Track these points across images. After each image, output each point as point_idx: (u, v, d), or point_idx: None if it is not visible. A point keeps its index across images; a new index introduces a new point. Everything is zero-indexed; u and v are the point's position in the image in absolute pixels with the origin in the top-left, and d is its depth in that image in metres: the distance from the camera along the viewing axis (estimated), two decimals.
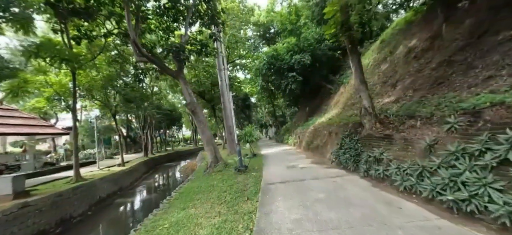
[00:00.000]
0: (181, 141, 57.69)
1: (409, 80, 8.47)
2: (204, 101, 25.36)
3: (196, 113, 9.77)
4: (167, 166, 27.30)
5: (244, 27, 26.91)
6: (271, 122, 51.19)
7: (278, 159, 11.60)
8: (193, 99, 9.97)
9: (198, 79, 23.08)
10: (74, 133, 13.26)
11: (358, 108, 10.99)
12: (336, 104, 15.28)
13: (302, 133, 16.46)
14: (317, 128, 13.05)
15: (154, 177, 21.08)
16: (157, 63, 10.00)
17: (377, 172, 5.44)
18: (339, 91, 16.93)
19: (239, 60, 30.68)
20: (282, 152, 15.01)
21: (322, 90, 21.51)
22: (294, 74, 17.46)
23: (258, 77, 20.40)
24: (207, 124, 10.08)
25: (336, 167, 7.82)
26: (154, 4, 12.18)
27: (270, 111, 47.40)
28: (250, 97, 39.66)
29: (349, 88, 14.64)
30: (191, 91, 10.20)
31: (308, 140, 13.45)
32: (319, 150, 11.26)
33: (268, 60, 18.38)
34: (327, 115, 14.51)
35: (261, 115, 56.26)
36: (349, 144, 7.30)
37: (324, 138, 11.04)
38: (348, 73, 17.32)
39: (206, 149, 10.08)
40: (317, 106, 20.66)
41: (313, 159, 10.48)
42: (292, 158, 11.41)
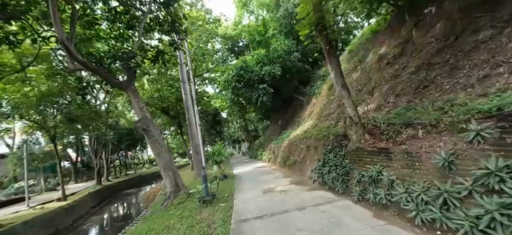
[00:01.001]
0: (146, 163, 52.27)
1: (387, 86, 7.88)
2: (169, 118, 22.83)
3: (149, 132, 7.79)
4: (126, 194, 23.50)
5: (212, 41, 25.58)
6: (243, 137, 49.62)
7: (252, 180, 10.00)
8: (146, 115, 8.00)
9: (161, 94, 20.68)
10: None
11: (334, 119, 10.17)
12: (310, 115, 14.49)
13: (276, 148, 15.22)
14: (292, 142, 11.91)
15: (106, 211, 17.56)
16: (99, 73, 7.90)
17: (377, 196, 4.26)
18: (311, 102, 16.33)
19: (208, 74, 28.99)
20: (256, 171, 13.45)
21: (294, 102, 20.89)
22: (265, 86, 16.44)
23: (228, 90, 18.93)
24: (164, 144, 8.13)
25: (321, 188, 6.56)
26: (103, 8, 10.14)
27: (242, 126, 45.91)
28: (220, 112, 37.83)
29: (322, 99, 14.03)
30: (144, 106, 8.23)
31: (284, 156, 12.19)
32: (297, 166, 10.01)
33: (237, 72, 17.13)
34: (301, 127, 13.54)
35: (233, 130, 54.33)
36: (334, 160, 6.13)
37: (301, 152, 9.87)
38: (318, 84, 16.93)
39: (164, 174, 8.05)
40: (290, 119, 19.86)
41: (291, 178, 9.14)
42: (268, 178, 9.93)
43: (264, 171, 12.84)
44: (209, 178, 12.00)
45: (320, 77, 17.39)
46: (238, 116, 40.90)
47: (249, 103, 18.88)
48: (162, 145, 8.01)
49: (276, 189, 7.45)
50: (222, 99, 38.40)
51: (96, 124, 16.30)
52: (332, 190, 6.00)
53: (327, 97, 12.95)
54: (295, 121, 17.97)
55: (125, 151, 33.83)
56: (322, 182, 6.67)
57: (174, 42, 11.06)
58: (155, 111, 22.28)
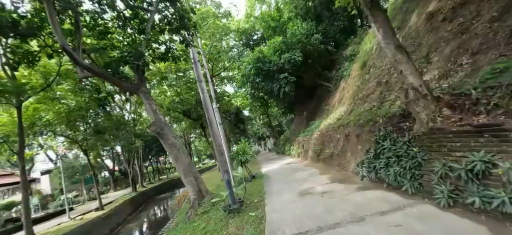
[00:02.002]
0: None
1: (452, 46, 5.94)
2: (191, 121, 22.43)
3: (164, 135, 6.89)
4: (159, 199, 23.79)
5: (226, 38, 24.62)
6: (268, 133, 48.39)
7: (284, 180, 8.65)
8: (159, 117, 7.12)
9: (181, 98, 20.29)
10: (23, 184, 10.08)
11: (376, 99, 8.36)
12: (341, 101, 12.65)
13: (305, 141, 13.66)
14: (324, 132, 10.28)
15: (141, 217, 17.62)
16: (106, 77, 7.19)
17: (492, 201, 2.65)
18: (340, 87, 14.42)
19: (225, 72, 28.17)
20: (286, 168, 12.05)
21: (318, 90, 19.01)
22: (286, 75, 14.90)
23: (246, 85, 17.74)
24: (182, 147, 7.17)
25: (376, 187, 4.99)
26: (112, 16, 9.58)
27: (266, 122, 44.66)
28: (242, 110, 37.02)
29: (353, 80, 12.10)
30: (157, 108, 7.36)
31: (316, 149, 10.63)
32: (334, 160, 8.42)
33: (254, 65, 15.82)
34: (332, 115, 11.81)
35: (257, 127, 53.38)
36: (394, 149, 4.52)
37: (338, 143, 8.25)
38: (346, 66, 14.91)
39: (185, 181, 7.11)
40: (316, 108, 18.06)
41: (330, 174, 7.61)
42: (302, 176, 8.50)
43: (294, 167, 11.41)
44: (236, 179, 10.95)
45: (347, 58, 15.31)
46: (260, 112, 39.73)
47: (271, 96, 17.48)
48: (180, 149, 7.05)
49: (315, 190, 6.03)
50: (242, 97, 37.63)
51: (122, 133, 16.33)
52: (396, 189, 4.41)
53: (361, 78, 11.02)
54: (323, 109, 16.18)
55: (156, 157, 34.70)
56: (376, 178, 5.10)
57: (185, 39, 10.13)
58: (177, 116, 22.03)
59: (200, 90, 13.44)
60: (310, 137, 12.92)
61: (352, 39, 15.93)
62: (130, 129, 17.25)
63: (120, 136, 15.99)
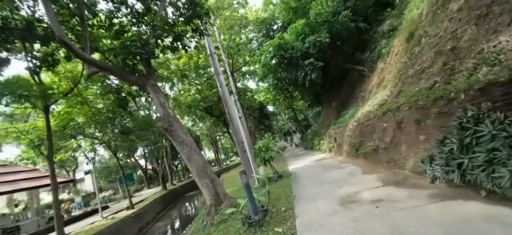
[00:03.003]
0: None
1: None
2: (214, 119, 21.81)
3: (173, 132, 5.90)
4: (188, 197, 23.81)
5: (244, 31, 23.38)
6: (294, 128, 46.38)
7: (316, 180, 7.12)
8: (168, 112, 6.15)
9: (202, 95, 19.74)
10: (53, 184, 10.19)
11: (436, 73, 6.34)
12: (381, 84, 10.54)
13: (338, 133, 11.83)
14: (363, 122, 8.42)
15: (170, 216, 17.49)
16: (111, 70, 6.46)
17: None
18: (377, 68, 12.20)
19: (246, 67, 27.05)
20: (317, 165, 10.41)
21: (349, 75, 16.76)
22: (311, 61, 13.10)
23: (268, 76, 16.32)
24: (194, 146, 6.12)
25: (465, 195, 3.27)
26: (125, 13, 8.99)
27: (291, 116, 42.67)
28: (266, 105, 35.71)
29: (396, 58, 9.91)
30: (166, 102, 6.41)
31: (354, 142, 8.81)
32: (382, 155, 6.61)
33: (275, 53, 14.31)
34: (371, 102, 9.83)
35: (282, 123, 51.61)
36: (504, 135, 2.77)
37: (387, 133, 6.42)
38: (383, 44, 12.60)
39: (199, 183, 6.05)
40: (348, 96, 15.87)
41: (377, 173, 5.87)
42: (339, 176, 6.86)
43: (328, 164, 9.74)
44: (260, 180, 9.69)
45: (384, 34, 12.93)
46: (285, 106, 37.95)
47: (295, 86, 15.81)
48: (192, 147, 6.01)
49: (362, 197, 4.44)
50: (265, 92, 36.25)
51: (146, 133, 16.28)
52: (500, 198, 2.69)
53: (407, 52, 8.83)
54: (357, 96, 14.04)
55: None
56: (462, 182, 3.35)
57: (197, 29, 9.09)
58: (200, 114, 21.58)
59: (218, 84, 12.51)
60: (344, 129, 11.07)
61: (388, 12, 13.47)
62: (155, 129, 17.17)
63: (144, 136, 15.92)
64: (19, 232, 13.22)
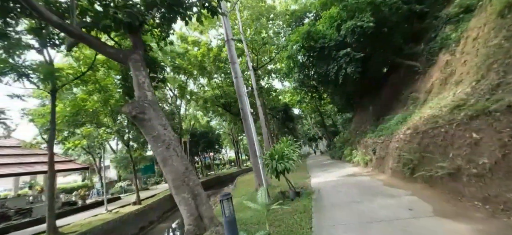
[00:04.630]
0: (226, 164, 54.05)
1: None
2: (232, 116, 20.19)
3: (145, 121, 4.19)
4: None
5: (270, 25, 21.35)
6: (320, 133, 42.82)
7: (353, 213, 4.68)
8: (145, 94, 4.47)
9: (222, 92, 18.26)
10: (51, 172, 9.46)
11: None
12: (448, 81, 7.65)
13: (380, 144, 9.10)
14: (427, 130, 5.75)
15: (177, 217, 16.25)
16: (89, 41, 5.02)
17: None
18: (439, 62, 9.23)
19: (271, 65, 24.99)
20: (351, 183, 7.82)
21: (393, 73, 13.67)
22: (348, 51, 10.54)
23: (293, 70, 14.03)
24: (175, 144, 4.31)
25: None
26: None
27: (318, 121, 39.30)
28: (291, 108, 33.18)
29: (478, 43, 6.98)
30: (147, 82, 4.75)
31: (408, 157, 6.14)
32: (468, 185, 3.98)
33: (303, 43, 12.02)
34: (433, 104, 7.04)
35: (307, 127, 48.25)
36: None
37: (482, 151, 3.82)
38: (447, 31, 9.54)
39: (177, 199, 4.22)
40: (391, 99, 12.81)
41: (468, 221, 3.33)
42: (392, 211, 4.36)
43: (365, 184, 7.15)
44: (273, 192, 7.57)
45: (451, 18, 9.81)
46: (311, 109, 34.92)
47: (325, 83, 13.27)
48: (171, 146, 4.21)
49: None
50: (291, 93, 33.72)
51: None
52: None
53: (502, 31, 5.93)
54: (404, 98, 11.05)
55: (203, 153, 34.58)
56: None
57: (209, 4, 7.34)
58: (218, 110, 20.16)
59: (233, 74, 10.75)
60: (388, 138, 8.34)
61: None
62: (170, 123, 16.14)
63: None
64: (31, 215, 13.08)
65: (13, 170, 12.12)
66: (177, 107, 19.79)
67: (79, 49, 12.23)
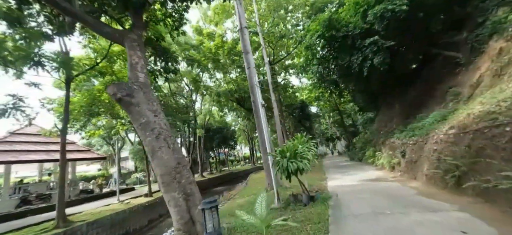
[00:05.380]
0: (241, 160, 53.83)
1: None
2: (245, 111, 19.50)
3: (132, 106, 3.62)
4: (213, 192, 22.34)
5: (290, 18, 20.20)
6: (338, 133, 40.78)
7: (385, 228, 3.72)
8: (137, 76, 3.89)
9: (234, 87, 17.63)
10: (62, 160, 9.49)
11: None
12: (504, 72, 6.24)
13: (411, 146, 7.84)
14: (480, 129, 4.55)
15: None
16: (83, 18, 4.57)
17: None
18: (489, 51, 7.74)
19: (290, 59, 23.85)
20: (375, 189, 6.67)
21: (427, 66, 12.04)
22: (376, 39, 9.26)
23: (313, 62, 12.92)
24: (167, 133, 3.66)
25: None
26: None
27: (336, 120, 37.34)
28: (308, 105, 31.72)
29: None
30: (141, 65, 4.17)
31: (452, 162, 4.95)
32: None
33: (323, 32, 10.89)
34: (485, 99, 5.72)
35: (325, 126, 46.22)
36: None
37: None
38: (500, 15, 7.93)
39: (166, 197, 3.56)
40: (423, 96, 11.25)
41: None
42: (436, 225, 3.37)
43: (393, 191, 6.03)
44: (284, 195, 6.75)
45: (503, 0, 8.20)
46: (330, 108, 33.18)
47: (347, 77, 12.00)
48: (161, 135, 3.58)
49: None
50: (309, 90, 32.26)
51: (173, 119, 15.08)
52: None
53: None
54: (441, 95, 9.56)
55: (218, 148, 34.48)
56: None
57: None
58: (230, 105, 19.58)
59: (245, 65, 10.01)
60: (424, 139, 7.07)
61: None
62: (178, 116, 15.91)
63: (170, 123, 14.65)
64: (50, 200, 13.54)
65: (30, 156, 12.55)
66: (192, 101, 19.54)
67: (96, 39, 12.26)
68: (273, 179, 6.12)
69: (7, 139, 13.34)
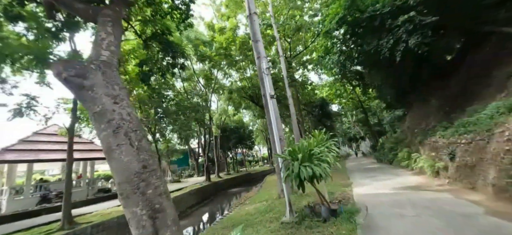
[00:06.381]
0: (259, 161, 52.75)
1: None
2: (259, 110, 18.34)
3: (84, 89, 2.68)
4: (228, 194, 21.54)
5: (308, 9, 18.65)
6: (362, 133, 37.79)
7: None
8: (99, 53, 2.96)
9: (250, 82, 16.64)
10: (69, 159, 9.22)
11: None
12: None
13: (464, 146, 6.07)
14: None
15: (200, 214, 15.32)
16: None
17: None
18: None
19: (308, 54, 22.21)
20: (424, 203, 4.93)
21: (475, 49, 9.90)
22: (412, 16, 7.52)
23: (332, 51, 11.35)
24: (130, 126, 2.67)
25: None
26: None
27: (360, 118, 34.50)
28: (329, 103, 29.60)
29: None
30: (111, 43, 3.27)
31: None
32: None
33: (345, 13, 9.34)
34: None
35: (347, 126, 43.22)
36: None
37: None
38: None
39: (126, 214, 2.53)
40: (472, 85, 9.15)
41: None
42: None
43: (447, 206, 4.46)
44: (299, 204, 5.53)
45: None
46: (353, 105, 30.70)
47: (375, 65, 10.28)
48: (121, 128, 2.60)
49: None
50: (329, 87, 30.17)
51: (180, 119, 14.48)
52: None
53: None
54: (500, 81, 7.55)
55: (235, 148, 33.82)
56: None
57: None
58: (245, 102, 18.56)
59: (255, 54, 8.90)
60: (484, 137, 5.33)
61: None
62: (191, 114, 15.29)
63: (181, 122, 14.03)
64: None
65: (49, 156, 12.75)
66: (206, 100, 18.94)
67: None
68: (283, 186, 4.92)
69: (31, 138, 13.76)
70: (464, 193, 5.24)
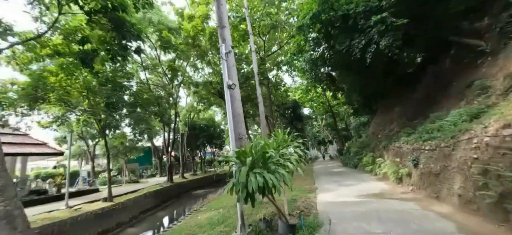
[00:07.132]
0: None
1: None
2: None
3: None
4: (191, 196, 19.91)
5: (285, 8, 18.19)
6: (330, 137, 39.10)
7: None
8: None
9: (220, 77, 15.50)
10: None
11: None
12: None
13: (428, 153, 5.81)
14: None
15: (153, 219, 13.59)
16: None
17: None
18: None
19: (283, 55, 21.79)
20: (390, 215, 4.38)
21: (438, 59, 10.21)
22: (384, 16, 7.25)
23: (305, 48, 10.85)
24: None
25: None
26: None
27: (329, 123, 35.58)
28: (300, 106, 29.79)
29: None
30: None
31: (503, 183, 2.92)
32: None
33: (318, 10, 8.86)
34: None
35: (317, 129, 44.41)
36: None
37: None
38: None
39: None
40: (435, 93, 9.35)
41: None
42: None
43: (415, 220, 3.95)
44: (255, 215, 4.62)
45: None
46: (323, 110, 31.42)
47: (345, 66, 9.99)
48: None
49: None
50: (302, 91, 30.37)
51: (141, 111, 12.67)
52: None
53: None
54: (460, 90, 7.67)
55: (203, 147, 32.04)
56: None
57: None
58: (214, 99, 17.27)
59: (220, 40, 7.84)
60: (450, 144, 5.06)
61: None
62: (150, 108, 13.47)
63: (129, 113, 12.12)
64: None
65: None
66: (171, 94, 17.13)
67: None
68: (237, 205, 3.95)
69: None
70: (429, 202, 4.89)
